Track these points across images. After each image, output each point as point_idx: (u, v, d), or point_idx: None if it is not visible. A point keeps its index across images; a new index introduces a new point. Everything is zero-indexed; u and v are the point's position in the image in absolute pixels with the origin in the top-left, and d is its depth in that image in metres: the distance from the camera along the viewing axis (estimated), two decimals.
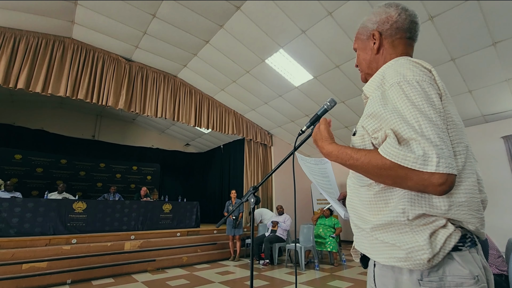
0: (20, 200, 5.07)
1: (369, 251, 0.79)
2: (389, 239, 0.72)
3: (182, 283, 4.06)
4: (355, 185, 0.88)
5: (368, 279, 0.83)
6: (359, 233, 0.84)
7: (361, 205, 0.83)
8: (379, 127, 0.74)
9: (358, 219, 0.83)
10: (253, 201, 1.31)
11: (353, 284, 3.90)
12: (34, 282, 3.84)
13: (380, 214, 0.75)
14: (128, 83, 6.02)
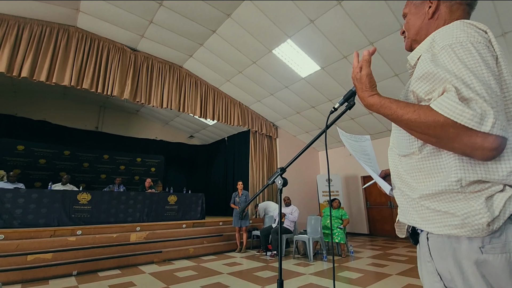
0: (23, 191, 5.00)
1: (419, 222, 0.74)
2: (441, 207, 0.68)
3: (190, 274, 4.02)
4: (396, 155, 0.85)
5: (422, 256, 0.77)
6: (407, 203, 0.79)
7: (405, 173, 0.79)
8: (432, 89, 0.69)
9: (406, 186, 0.78)
10: (280, 183, 1.24)
11: (363, 274, 3.86)
12: (40, 273, 3.80)
13: (427, 182, 0.72)
14: (133, 73, 5.93)
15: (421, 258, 0.77)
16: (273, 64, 6.19)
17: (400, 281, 3.49)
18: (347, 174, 9.29)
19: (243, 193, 6.10)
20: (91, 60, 5.45)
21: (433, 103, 0.65)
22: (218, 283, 3.52)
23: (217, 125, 9.85)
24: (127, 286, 3.40)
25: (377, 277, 3.72)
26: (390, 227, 8.25)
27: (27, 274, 3.67)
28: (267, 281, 3.62)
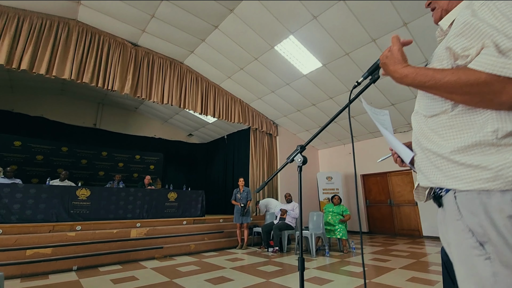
0: (21, 185, 4.92)
1: (445, 181, 0.72)
2: (472, 160, 0.67)
3: (193, 268, 3.98)
4: (422, 117, 0.84)
5: (448, 216, 0.75)
6: (431, 164, 0.78)
7: (433, 133, 0.78)
8: (470, 45, 0.67)
9: (434, 145, 0.77)
10: (300, 161, 1.22)
11: (366, 269, 3.85)
12: (39, 268, 3.73)
13: (459, 137, 0.71)
14: (134, 68, 5.88)
15: (447, 219, 0.76)
16: (274, 61, 6.18)
17: (404, 275, 3.49)
18: (347, 173, 9.31)
19: (245, 189, 6.07)
20: (92, 54, 5.39)
21: (472, 64, 0.65)
22: (221, 277, 3.48)
23: (216, 123, 9.81)
24: (130, 280, 3.35)
25: (381, 271, 3.72)
26: (389, 225, 8.28)
27: (26, 269, 3.60)
28: (271, 275, 3.59)
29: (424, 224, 7.34)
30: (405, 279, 3.26)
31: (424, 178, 0.81)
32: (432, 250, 5.30)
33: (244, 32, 5.49)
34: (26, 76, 7.28)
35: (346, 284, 3.15)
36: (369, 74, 1.09)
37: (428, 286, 3.00)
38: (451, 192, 0.72)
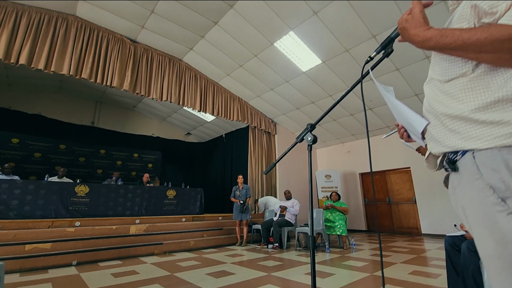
0: (20, 181, 4.88)
1: (462, 143, 0.72)
2: (493, 117, 0.66)
3: (193, 263, 3.96)
4: (438, 83, 0.82)
5: (465, 178, 0.74)
6: (446, 129, 0.77)
7: (450, 97, 0.77)
8: (497, 2, 0.66)
9: (450, 109, 0.76)
10: (310, 139, 1.21)
11: (367, 263, 3.85)
12: (38, 262, 3.69)
13: (479, 97, 0.70)
14: (133, 64, 5.86)
15: (464, 182, 0.75)
16: (274, 58, 6.19)
17: (405, 269, 3.50)
18: (345, 171, 9.32)
19: (244, 186, 6.06)
20: (90, 50, 5.36)
21: (504, 19, 0.64)
22: (223, 271, 3.47)
23: (215, 122, 9.80)
24: (130, 274, 3.32)
25: (386, 264, 3.72)
26: (388, 223, 8.30)
27: (25, 263, 3.56)
28: (272, 269, 3.58)
29: (423, 222, 7.35)
30: (407, 273, 3.27)
31: (438, 144, 0.81)
32: (432, 247, 5.32)
33: (244, 28, 5.50)
34: (23, 74, 7.24)
35: (348, 277, 3.14)
36: (382, 48, 1.08)
37: (430, 279, 3.00)
38: (469, 153, 0.72)
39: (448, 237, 2.34)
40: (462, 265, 1.99)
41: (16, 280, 3.08)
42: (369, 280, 2.97)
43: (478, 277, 1.87)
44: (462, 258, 1.99)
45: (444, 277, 2.94)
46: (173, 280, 3.03)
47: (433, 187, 7.15)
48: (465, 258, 1.96)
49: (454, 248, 2.27)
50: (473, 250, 1.92)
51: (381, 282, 2.85)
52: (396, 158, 8.11)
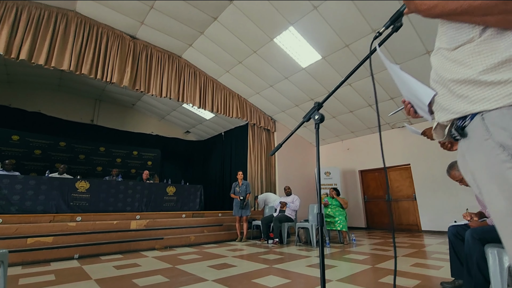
0: (21, 177, 4.87)
1: (471, 107, 0.73)
2: (502, 77, 0.67)
3: (195, 257, 3.97)
4: (445, 52, 0.83)
5: (475, 141, 0.75)
6: (454, 96, 0.79)
7: (458, 64, 0.77)
8: None
9: (458, 74, 0.77)
10: (317, 118, 1.22)
11: (368, 256, 3.87)
12: (40, 256, 3.70)
13: (488, 60, 0.71)
14: (132, 61, 5.86)
15: (472, 145, 0.77)
16: (273, 54, 6.20)
17: (407, 261, 3.52)
18: (345, 168, 9.34)
19: (243, 182, 6.06)
20: (90, 46, 5.37)
21: None
22: (224, 264, 3.48)
23: (214, 120, 9.81)
24: (132, 267, 3.33)
25: (384, 258, 3.74)
26: (387, 220, 8.32)
27: (27, 256, 3.57)
28: (274, 262, 3.60)
29: (423, 219, 7.37)
30: (409, 265, 3.28)
31: (446, 112, 0.82)
32: (432, 242, 5.34)
33: (244, 24, 5.51)
34: (23, 71, 7.24)
35: (350, 269, 3.15)
36: (391, 23, 1.09)
37: (432, 270, 3.02)
38: (478, 116, 0.73)
39: (452, 226, 2.36)
40: (466, 254, 2.00)
41: (18, 272, 3.08)
42: (371, 272, 2.98)
43: (482, 265, 1.88)
44: (466, 246, 2.00)
45: (446, 269, 2.96)
46: (175, 272, 3.04)
47: (434, 184, 7.18)
48: (469, 246, 1.97)
49: (458, 238, 2.28)
50: (477, 238, 1.94)
51: (382, 273, 2.87)
52: (396, 155, 8.13)
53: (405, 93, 1.06)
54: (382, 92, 6.69)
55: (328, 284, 2.48)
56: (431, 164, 7.31)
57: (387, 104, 7.12)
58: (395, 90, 6.56)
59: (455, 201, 6.61)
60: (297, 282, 2.57)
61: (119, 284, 2.56)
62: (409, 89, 1.01)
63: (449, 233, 2.34)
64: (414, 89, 0.96)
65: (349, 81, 6.60)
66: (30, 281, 2.71)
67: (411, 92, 1.00)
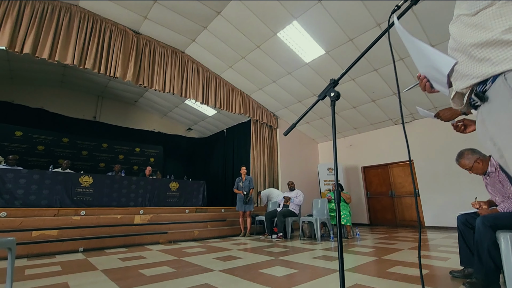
0: (25, 171, 4.87)
1: (495, 67, 0.73)
2: None
3: (200, 250, 3.96)
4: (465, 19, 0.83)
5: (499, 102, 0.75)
6: (475, 61, 0.78)
7: (479, 28, 0.77)
8: None
9: (479, 38, 0.77)
10: (333, 95, 1.21)
11: (374, 249, 3.86)
12: (46, 248, 3.70)
13: (510, 20, 0.71)
14: (136, 55, 5.85)
15: (495, 107, 0.76)
16: (277, 49, 6.18)
17: (413, 253, 3.50)
18: (347, 165, 9.32)
19: (247, 178, 6.05)
20: (94, 41, 5.36)
21: None
22: (230, 256, 3.47)
23: (216, 116, 9.80)
24: (138, 259, 3.32)
25: (390, 251, 3.73)
26: (391, 216, 8.30)
27: (32, 249, 3.57)
28: (279, 254, 3.59)
29: (427, 214, 7.35)
30: (416, 256, 3.27)
31: (466, 79, 0.82)
32: (437, 236, 5.33)
33: (247, 18, 5.48)
34: (26, 67, 7.24)
35: (355, 261, 3.14)
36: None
37: (440, 261, 3.00)
38: (500, 77, 0.73)
39: (461, 215, 2.34)
40: (476, 241, 1.98)
41: (24, 264, 3.08)
42: (377, 263, 2.97)
43: (493, 251, 1.86)
44: (477, 233, 1.98)
45: (453, 260, 2.95)
46: (182, 263, 3.04)
47: (437, 180, 7.16)
48: (480, 233, 1.95)
49: (467, 226, 2.27)
50: (488, 225, 1.92)
51: (389, 264, 2.86)
52: (399, 151, 8.11)
53: (421, 67, 1.05)
54: (386, 87, 6.67)
55: (336, 274, 2.47)
56: (434, 160, 7.28)
57: (390, 100, 7.10)
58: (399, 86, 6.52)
59: (458, 197, 6.59)
60: (304, 272, 2.56)
61: (126, 274, 2.56)
62: (427, 61, 0.99)
63: (458, 221, 2.33)
64: (433, 59, 0.94)
65: (352, 76, 6.58)
66: (36, 271, 2.71)
67: (429, 64, 0.98)
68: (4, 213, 3.94)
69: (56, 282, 2.29)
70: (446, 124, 6.61)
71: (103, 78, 8.08)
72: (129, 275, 2.50)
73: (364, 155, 8.99)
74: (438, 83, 1.01)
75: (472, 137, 5.39)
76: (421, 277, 0.96)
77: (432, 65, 0.96)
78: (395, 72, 1.16)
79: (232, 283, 2.22)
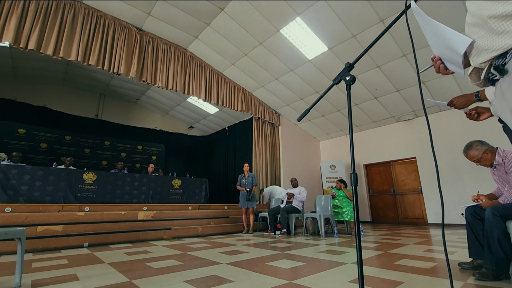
0: (29, 167, 4.87)
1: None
2: None
3: (204, 246, 3.96)
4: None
5: None
6: (495, 34, 0.78)
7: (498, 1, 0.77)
8: None
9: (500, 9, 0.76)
10: (349, 79, 1.21)
11: (379, 244, 3.85)
12: (51, 243, 3.70)
13: None
14: (139, 52, 5.85)
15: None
16: (279, 45, 6.18)
17: (419, 248, 3.50)
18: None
19: (250, 175, 6.05)
20: (97, 37, 5.36)
21: None
22: (235, 251, 3.47)
23: (217, 114, 9.80)
24: (143, 253, 3.32)
25: (395, 246, 3.73)
26: (393, 214, 8.30)
27: (38, 244, 3.57)
28: (285, 249, 3.59)
29: (430, 212, 7.34)
30: (422, 251, 3.27)
31: (486, 52, 0.81)
32: (440, 233, 5.32)
33: (250, 14, 5.48)
34: (29, 64, 7.24)
35: (364, 254, 3.14)
36: None
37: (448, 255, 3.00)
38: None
39: (469, 207, 2.34)
40: (486, 231, 1.98)
41: (30, 258, 3.08)
42: (384, 256, 2.97)
43: (504, 241, 1.86)
44: (487, 223, 1.98)
45: (460, 254, 2.95)
46: (188, 257, 3.04)
47: (440, 176, 7.14)
48: (490, 223, 1.95)
49: (476, 218, 2.27)
50: (498, 215, 1.92)
51: (396, 257, 2.85)
52: (401, 148, 8.11)
53: (436, 47, 1.04)
54: (388, 84, 6.66)
55: (344, 266, 2.47)
56: (437, 157, 7.27)
57: (392, 97, 7.10)
58: (401, 82, 6.53)
59: (461, 194, 6.58)
60: (311, 265, 2.56)
61: (133, 266, 2.56)
62: (442, 42, 0.98)
63: (467, 213, 2.32)
64: (448, 39, 0.94)
65: (354, 73, 6.56)
66: (44, 264, 2.71)
67: (444, 44, 0.97)
68: (9, 209, 3.94)
69: (64, 273, 2.29)
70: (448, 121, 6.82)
71: (105, 76, 8.09)
72: (137, 268, 2.50)
73: (366, 153, 8.99)
74: (454, 64, 1.01)
75: (474, 135, 5.39)
76: (448, 268, 0.96)
77: (447, 45, 0.95)
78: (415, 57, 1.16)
79: (241, 274, 2.22)
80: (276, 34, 5.88)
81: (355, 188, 1.11)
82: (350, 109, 1.18)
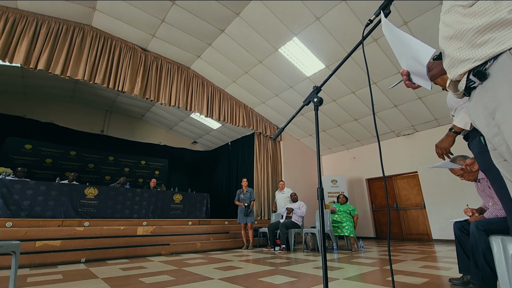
0: (32, 182, 5.00)
1: (500, 46, 0.75)
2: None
3: (201, 261, 3.96)
4: (461, 10, 0.84)
5: (503, 78, 0.76)
6: (472, 45, 0.80)
7: (478, 15, 0.79)
8: None
9: (481, 22, 0.79)
10: (316, 101, 1.29)
11: (377, 260, 3.80)
12: (48, 258, 3.75)
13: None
14: (143, 71, 6.08)
15: (497, 81, 0.77)
16: (279, 64, 6.36)
17: (416, 264, 3.45)
18: (351, 177, 9.27)
19: (248, 190, 6.08)
20: (104, 58, 5.61)
21: None
22: (230, 266, 3.47)
23: (220, 130, 9.95)
24: (139, 269, 3.34)
25: (395, 261, 3.67)
26: (397, 230, 8.14)
27: (35, 259, 3.62)
28: (281, 265, 3.57)
29: (434, 227, 7.19)
30: (418, 266, 3.23)
31: (466, 63, 0.83)
32: (443, 249, 5.22)
33: (249, 35, 5.71)
34: (39, 83, 7.56)
35: (357, 270, 3.11)
36: (381, 10, 1.14)
37: (441, 271, 2.96)
38: (505, 53, 0.75)
39: (456, 222, 2.35)
40: (471, 245, 1.99)
41: (26, 273, 3.13)
42: (378, 273, 2.94)
43: (488, 255, 1.87)
44: (472, 238, 1.99)
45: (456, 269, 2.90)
46: (181, 272, 3.05)
47: (443, 191, 7.06)
48: (474, 238, 1.96)
49: (463, 232, 2.27)
50: (481, 229, 1.93)
51: (389, 274, 2.82)
52: (403, 162, 8.07)
53: (403, 59, 1.05)
54: (385, 100, 6.74)
55: (336, 282, 2.46)
56: (439, 171, 7.21)
57: (391, 112, 7.15)
58: (399, 98, 6.61)
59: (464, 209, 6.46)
60: (303, 280, 2.56)
61: (126, 281, 2.59)
62: (408, 53, 0.99)
63: (455, 228, 2.33)
64: (413, 49, 0.95)
65: (352, 89, 6.69)
66: (38, 279, 2.75)
67: (410, 56, 0.98)
68: (10, 223, 4.03)
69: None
70: None
71: (111, 93, 8.36)
72: (129, 283, 2.53)
73: (368, 168, 8.95)
74: (420, 76, 1.02)
75: None
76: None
77: (413, 56, 0.97)
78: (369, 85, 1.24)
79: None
80: (275, 53, 6.08)
81: (321, 201, 1.16)
82: (318, 130, 1.26)
